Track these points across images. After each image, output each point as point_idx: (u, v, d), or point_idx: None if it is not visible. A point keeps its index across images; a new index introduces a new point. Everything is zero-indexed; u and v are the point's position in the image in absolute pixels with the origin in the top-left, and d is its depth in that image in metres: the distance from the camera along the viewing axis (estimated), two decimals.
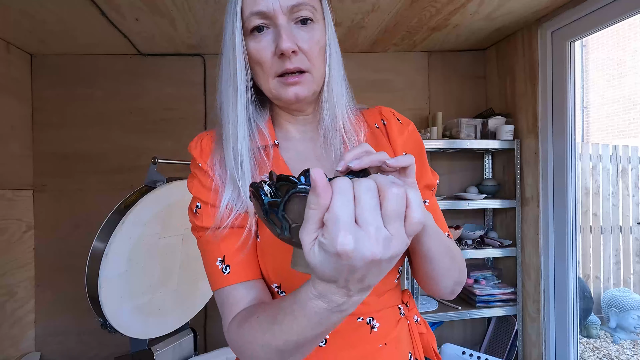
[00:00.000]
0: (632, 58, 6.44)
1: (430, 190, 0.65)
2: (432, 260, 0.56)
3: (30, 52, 2.04)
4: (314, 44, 0.56)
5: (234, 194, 0.56)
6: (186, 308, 1.61)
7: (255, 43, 0.56)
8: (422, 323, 0.68)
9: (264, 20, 0.55)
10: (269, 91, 0.59)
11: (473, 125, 2.05)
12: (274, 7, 0.53)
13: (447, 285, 0.60)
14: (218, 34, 1.87)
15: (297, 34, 0.55)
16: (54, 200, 2.06)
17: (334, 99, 0.60)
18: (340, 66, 0.61)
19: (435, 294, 0.62)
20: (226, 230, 0.56)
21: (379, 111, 0.67)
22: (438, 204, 0.66)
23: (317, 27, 0.57)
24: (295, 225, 0.37)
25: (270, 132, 0.62)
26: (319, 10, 0.58)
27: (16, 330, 1.92)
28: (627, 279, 3.45)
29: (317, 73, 0.58)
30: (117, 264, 1.33)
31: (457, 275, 0.60)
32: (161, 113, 2.12)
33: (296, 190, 0.35)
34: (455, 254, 0.59)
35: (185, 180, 1.75)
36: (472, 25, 1.89)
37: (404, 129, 0.65)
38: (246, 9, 0.55)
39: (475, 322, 2.28)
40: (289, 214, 0.37)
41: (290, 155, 0.63)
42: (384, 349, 0.58)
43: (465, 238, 2.09)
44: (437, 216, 0.63)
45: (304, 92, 0.57)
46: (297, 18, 0.55)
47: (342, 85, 0.62)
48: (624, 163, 3.49)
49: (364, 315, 0.58)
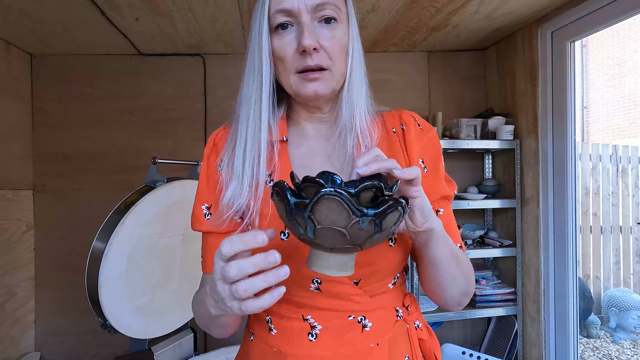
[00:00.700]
0: (632, 58, 6.44)
1: (446, 200, 0.65)
2: (439, 268, 0.56)
3: (30, 52, 2.04)
4: (335, 42, 0.57)
5: (237, 189, 0.58)
6: (186, 308, 1.61)
7: (279, 40, 0.58)
8: (424, 329, 0.67)
9: (288, 18, 0.56)
10: (290, 87, 0.60)
11: (473, 125, 2.05)
12: (298, 5, 0.55)
13: (453, 295, 0.60)
14: (218, 34, 1.87)
15: (320, 32, 0.57)
16: (54, 200, 2.06)
17: (353, 99, 0.61)
18: (362, 67, 0.62)
19: (441, 302, 0.62)
20: (224, 225, 0.60)
21: (399, 115, 0.67)
22: (453, 215, 0.66)
23: (340, 26, 0.58)
24: (320, 226, 0.39)
25: (282, 128, 0.63)
26: (343, 10, 0.59)
27: (16, 330, 1.92)
28: (627, 279, 3.45)
29: (337, 71, 0.59)
30: (117, 264, 1.33)
31: (464, 286, 0.60)
32: (161, 113, 2.12)
33: (326, 193, 0.37)
34: (464, 264, 0.59)
35: (186, 180, 1.74)
36: (472, 25, 1.89)
37: (423, 135, 0.65)
38: (272, 7, 0.57)
39: (475, 322, 2.28)
40: (316, 216, 0.39)
41: (300, 151, 0.64)
42: (376, 349, 0.58)
43: (465, 238, 2.09)
44: (451, 227, 0.63)
45: (323, 89, 0.58)
46: (321, 17, 0.56)
47: (363, 86, 0.62)
48: (624, 163, 3.49)
49: (355, 314, 0.58)
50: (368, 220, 0.38)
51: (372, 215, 0.38)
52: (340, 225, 0.39)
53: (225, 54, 2.12)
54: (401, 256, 0.60)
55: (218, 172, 0.63)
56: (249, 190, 0.58)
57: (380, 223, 0.39)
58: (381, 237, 0.41)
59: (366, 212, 0.38)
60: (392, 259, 0.58)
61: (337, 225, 0.39)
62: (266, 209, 0.58)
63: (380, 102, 0.68)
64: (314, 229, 0.40)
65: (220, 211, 0.59)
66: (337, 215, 0.38)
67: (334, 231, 0.39)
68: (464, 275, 0.59)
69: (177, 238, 1.55)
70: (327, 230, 0.39)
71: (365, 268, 0.56)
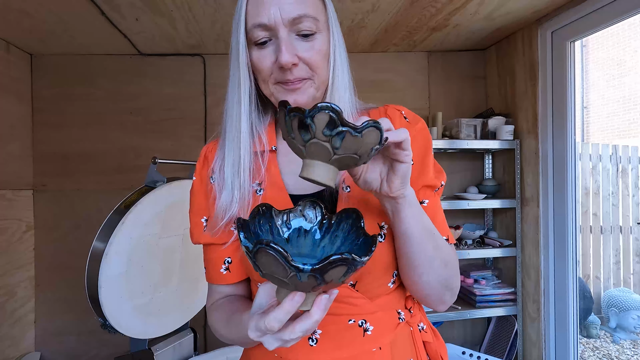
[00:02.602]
0: (632, 58, 6.44)
1: (433, 191, 0.62)
2: (411, 242, 0.53)
3: (30, 52, 2.04)
4: (315, 53, 0.57)
5: (228, 199, 0.59)
6: (186, 308, 1.61)
7: (257, 52, 0.57)
8: (429, 331, 0.65)
9: (266, 32, 0.56)
10: (270, 95, 0.60)
11: (473, 125, 2.05)
12: (275, 18, 0.54)
13: (430, 282, 0.56)
14: (218, 34, 1.87)
15: (298, 45, 0.56)
16: (54, 200, 2.06)
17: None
18: (345, 73, 0.62)
19: (422, 295, 0.58)
20: (219, 234, 0.61)
21: (385, 110, 0.66)
22: (440, 206, 0.63)
23: (320, 36, 0.57)
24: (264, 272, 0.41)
25: (270, 137, 0.64)
26: (322, 19, 0.58)
27: (16, 330, 1.92)
28: (627, 279, 3.45)
29: (319, 79, 0.59)
30: (117, 264, 1.33)
31: (444, 275, 0.56)
32: (161, 113, 2.12)
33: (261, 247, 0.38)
34: (444, 250, 0.56)
35: (186, 180, 1.74)
36: (472, 25, 1.89)
37: (410, 128, 0.63)
38: (249, 21, 0.56)
39: (475, 322, 2.28)
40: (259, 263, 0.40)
41: (289, 158, 0.64)
42: (378, 352, 0.57)
43: (465, 238, 2.09)
44: (437, 218, 0.60)
45: (303, 99, 0.58)
46: (299, 31, 0.56)
47: (346, 91, 0.62)
48: (624, 163, 3.49)
49: (355, 317, 0.57)
50: (306, 275, 0.37)
51: (310, 270, 0.37)
52: (280, 276, 0.39)
53: (225, 54, 2.10)
54: (393, 251, 0.58)
55: (211, 183, 0.64)
56: (239, 200, 0.59)
57: (322, 277, 0.38)
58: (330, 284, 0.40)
59: (302, 268, 0.36)
60: (384, 254, 0.57)
61: (277, 275, 0.39)
62: None
63: (380, 102, 0.68)
64: (261, 274, 0.41)
65: (214, 221, 0.61)
66: (276, 267, 0.38)
67: (277, 279, 0.40)
68: (444, 261, 0.56)
69: (177, 238, 1.55)
70: (271, 277, 0.41)
71: None
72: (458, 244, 2.08)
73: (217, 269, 0.64)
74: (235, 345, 1.11)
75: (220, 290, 0.66)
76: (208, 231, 0.63)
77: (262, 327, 0.42)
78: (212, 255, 0.65)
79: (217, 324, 0.62)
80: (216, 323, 0.63)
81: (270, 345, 0.45)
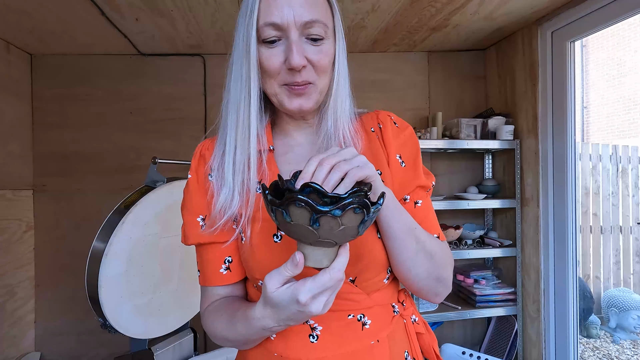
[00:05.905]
0: (632, 58, 6.44)
1: (425, 192, 0.66)
2: (395, 239, 0.57)
3: (30, 52, 2.04)
4: (322, 57, 0.58)
5: (228, 196, 0.59)
6: (186, 308, 1.61)
7: (266, 51, 0.58)
8: (420, 323, 0.68)
9: (277, 32, 0.56)
10: (274, 96, 0.60)
11: (473, 125, 2.05)
12: (287, 20, 0.55)
13: (419, 275, 0.59)
14: (218, 34, 1.87)
15: (307, 48, 0.57)
16: (54, 200, 2.06)
17: (337, 112, 0.62)
18: (347, 82, 0.64)
19: (415, 288, 0.61)
20: (217, 232, 0.61)
21: (376, 115, 0.69)
22: (432, 205, 0.67)
23: (327, 42, 0.59)
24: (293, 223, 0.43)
25: (268, 137, 0.64)
26: (330, 27, 0.59)
27: (16, 330, 1.92)
28: (627, 279, 3.45)
29: (322, 85, 0.60)
30: (117, 264, 1.33)
31: (431, 268, 0.59)
32: (161, 113, 2.12)
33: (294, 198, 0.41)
34: (425, 241, 0.58)
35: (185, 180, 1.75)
36: (472, 25, 1.89)
37: (400, 133, 0.67)
38: (261, 18, 0.56)
39: (475, 322, 2.28)
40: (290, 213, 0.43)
41: (286, 158, 0.65)
42: (376, 346, 0.59)
43: (465, 238, 2.09)
44: (428, 218, 0.64)
45: (308, 105, 0.60)
46: (309, 35, 0.57)
47: (347, 99, 0.64)
48: (624, 163, 3.48)
49: (354, 312, 0.59)
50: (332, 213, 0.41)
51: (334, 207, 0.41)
52: (307, 224, 0.42)
53: (225, 54, 2.11)
54: None
55: (209, 181, 0.64)
56: (240, 197, 0.59)
57: (342, 217, 0.42)
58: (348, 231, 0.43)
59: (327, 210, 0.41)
60: (380, 250, 0.59)
61: (305, 224, 0.43)
62: (258, 214, 0.60)
63: (380, 102, 0.69)
64: (286, 230, 0.45)
65: (213, 218, 0.60)
66: (302, 218, 0.42)
67: (304, 229, 0.43)
68: (428, 254, 0.58)
69: (177, 238, 1.55)
70: (296, 231, 0.44)
71: (358, 263, 0.57)
72: (458, 244, 2.08)
73: (215, 269, 0.64)
74: None
75: (216, 292, 0.65)
76: (207, 229, 0.62)
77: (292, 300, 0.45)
78: (210, 256, 0.64)
79: (217, 325, 0.60)
80: (215, 324, 0.61)
81: (268, 325, 0.50)
